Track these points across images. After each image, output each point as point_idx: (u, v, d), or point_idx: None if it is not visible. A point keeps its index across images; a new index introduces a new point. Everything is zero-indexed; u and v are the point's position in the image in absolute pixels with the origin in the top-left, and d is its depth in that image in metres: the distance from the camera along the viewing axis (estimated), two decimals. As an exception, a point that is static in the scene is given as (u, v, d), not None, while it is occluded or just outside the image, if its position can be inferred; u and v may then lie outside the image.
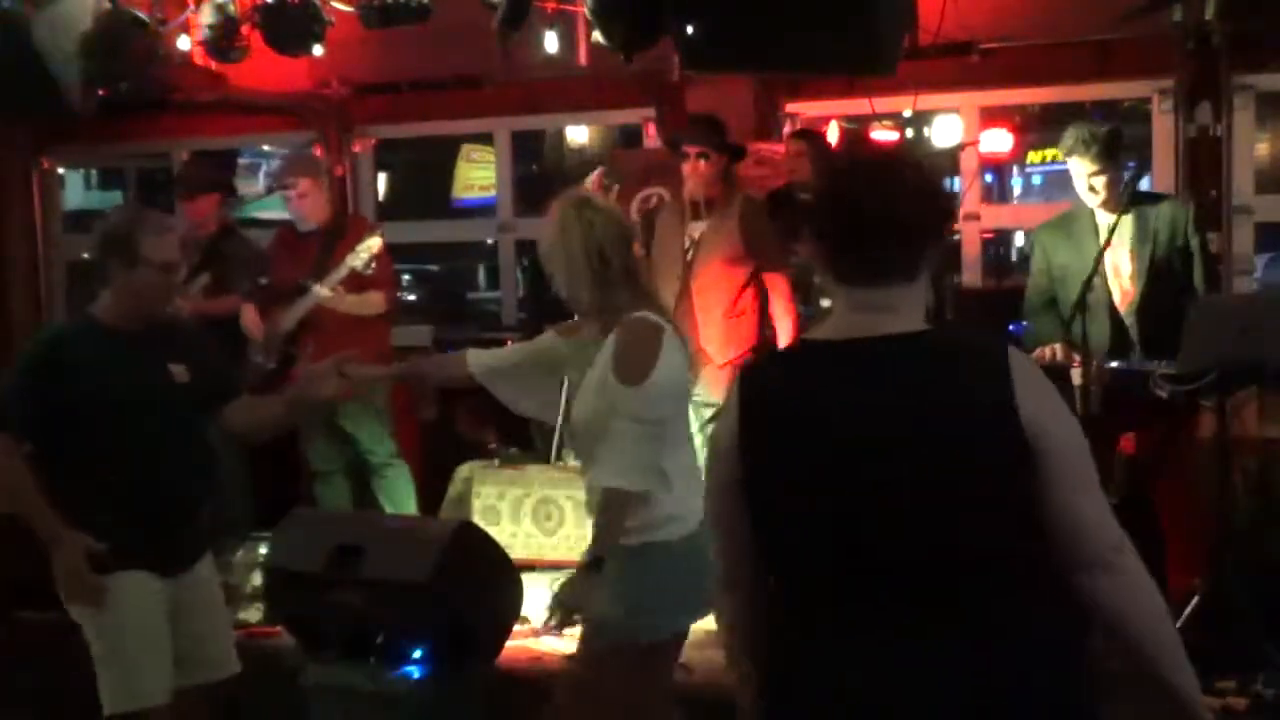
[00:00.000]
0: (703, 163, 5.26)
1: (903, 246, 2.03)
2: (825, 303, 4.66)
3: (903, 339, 2.01)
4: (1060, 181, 11.31)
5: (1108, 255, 4.61)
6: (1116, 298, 4.64)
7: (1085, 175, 4.61)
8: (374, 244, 5.31)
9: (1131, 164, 4.73)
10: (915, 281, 2.06)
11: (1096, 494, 2.02)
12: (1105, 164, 4.57)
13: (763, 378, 2.13)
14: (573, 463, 6.16)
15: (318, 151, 7.38)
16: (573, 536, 5.93)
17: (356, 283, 5.49)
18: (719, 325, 5.28)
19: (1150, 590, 2.04)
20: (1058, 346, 4.50)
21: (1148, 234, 4.61)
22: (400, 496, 5.86)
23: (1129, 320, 4.61)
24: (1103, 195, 4.61)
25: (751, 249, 5.26)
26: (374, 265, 5.35)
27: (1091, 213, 4.65)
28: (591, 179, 5.40)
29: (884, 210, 2.01)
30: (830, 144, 6.56)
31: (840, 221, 2.05)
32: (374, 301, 5.58)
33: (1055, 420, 1.98)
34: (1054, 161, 11.40)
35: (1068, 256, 4.58)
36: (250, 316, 5.71)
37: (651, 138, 7.07)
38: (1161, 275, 4.57)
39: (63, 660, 4.73)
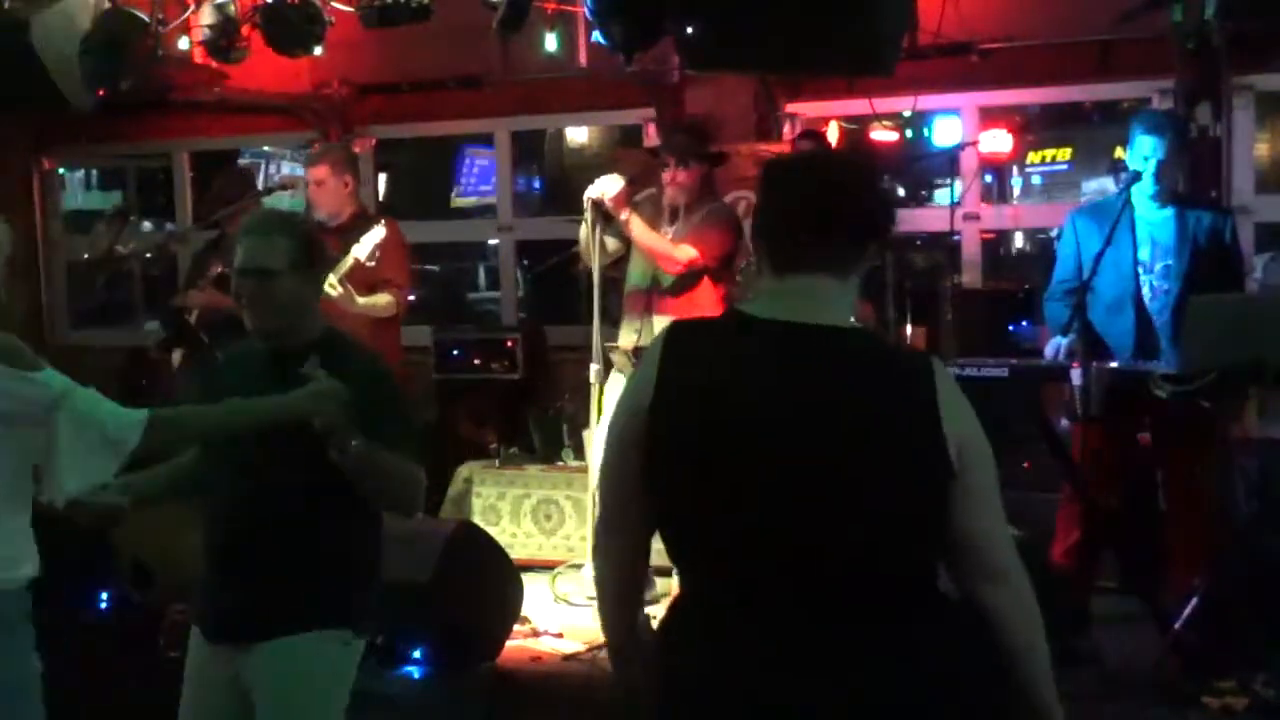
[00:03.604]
0: (682, 171, 5.20)
1: (831, 240, 2.05)
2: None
3: (834, 331, 2.03)
4: (1060, 182, 11.35)
5: (1140, 251, 4.60)
6: (1146, 294, 4.62)
7: (1146, 155, 4.55)
8: (378, 234, 5.22)
9: (1127, 168, 4.69)
10: (845, 280, 2.06)
11: (999, 509, 2.06)
12: (1168, 144, 4.52)
13: (688, 338, 2.10)
14: (573, 462, 6.18)
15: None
16: (573, 536, 5.94)
17: (369, 280, 5.39)
18: None
19: (1034, 602, 2.08)
20: (1064, 345, 4.47)
21: (1186, 236, 4.58)
22: None
23: (1159, 319, 4.59)
24: (1155, 183, 4.56)
25: (689, 237, 5.17)
26: (379, 256, 5.22)
27: (1127, 205, 4.61)
28: (615, 190, 5.18)
29: (815, 201, 2.05)
30: (832, 145, 6.57)
31: (773, 208, 2.09)
32: (384, 302, 5.49)
33: (973, 438, 2.01)
34: (1054, 161, 11.41)
35: (1100, 244, 4.55)
36: None
37: (651, 138, 7.07)
38: (1196, 279, 4.53)
39: (61, 660, 4.73)
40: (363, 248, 5.18)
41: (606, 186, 5.11)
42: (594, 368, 5.26)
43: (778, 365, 2.00)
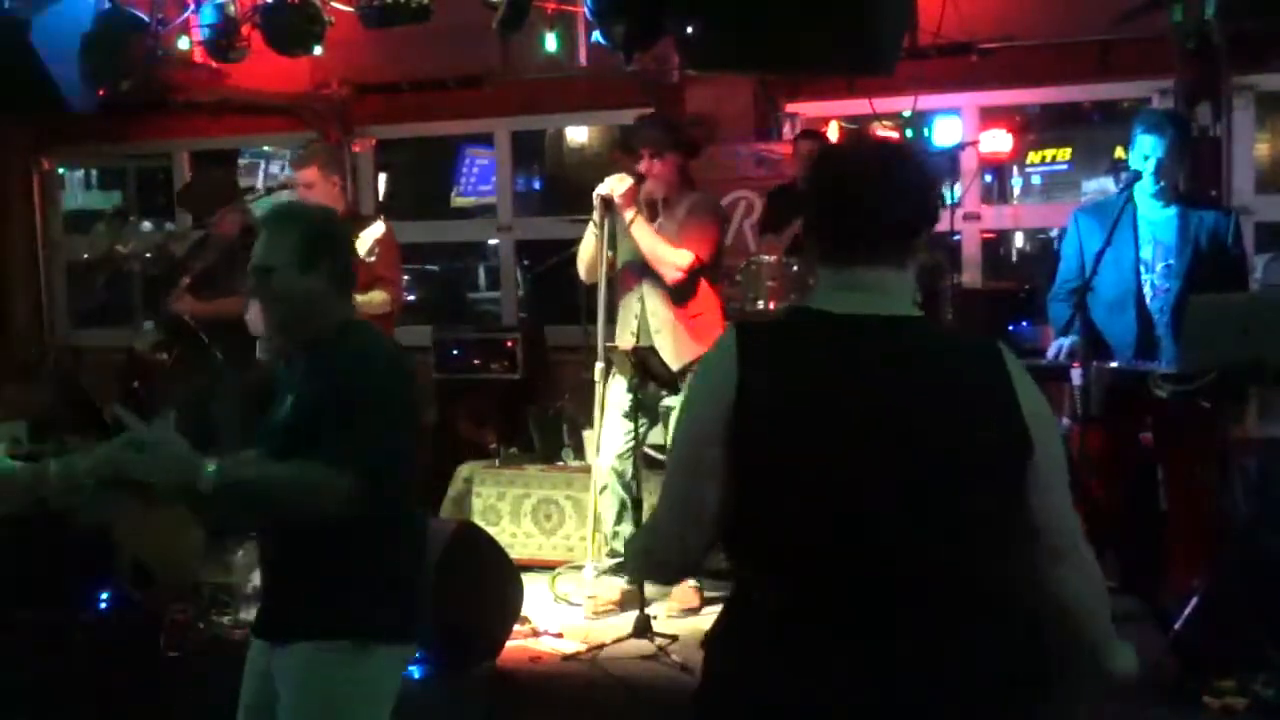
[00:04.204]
0: (657, 163, 5.17)
1: (894, 232, 2.04)
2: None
3: (905, 321, 2.03)
4: (1060, 182, 11.35)
5: (1142, 249, 4.60)
6: (1147, 294, 4.62)
7: (1146, 154, 4.54)
8: (377, 230, 5.23)
9: (1128, 168, 4.68)
10: (904, 269, 2.06)
11: (1067, 487, 2.08)
12: (1169, 144, 4.51)
13: (763, 343, 2.05)
14: (573, 462, 6.18)
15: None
16: (573, 536, 5.93)
17: (364, 279, 5.39)
18: (671, 327, 5.19)
19: (1099, 576, 2.14)
20: (1066, 345, 4.46)
21: (1189, 236, 4.57)
22: None
23: (1160, 319, 4.59)
24: (1155, 182, 4.54)
25: (680, 236, 5.16)
26: (378, 252, 5.23)
27: (1129, 204, 4.61)
28: (624, 188, 5.14)
29: (881, 193, 2.03)
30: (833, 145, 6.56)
31: (837, 200, 2.07)
32: (379, 301, 5.50)
33: (1045, 417, 2.04)
34: (1054, 161, 11.40)
35: (1102, 243, 4.55)
36: (255, 313, 5.68)
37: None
38: (1197, 280, 4.52)
39: (61, 660, 4.74)
40: (362, 244, 5.20)
41: (616, 185, 5.10)
42: (599, 366, 5.26)
43: (867, 361, 1.99)
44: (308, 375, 2.84)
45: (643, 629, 4.80)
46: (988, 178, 8.73)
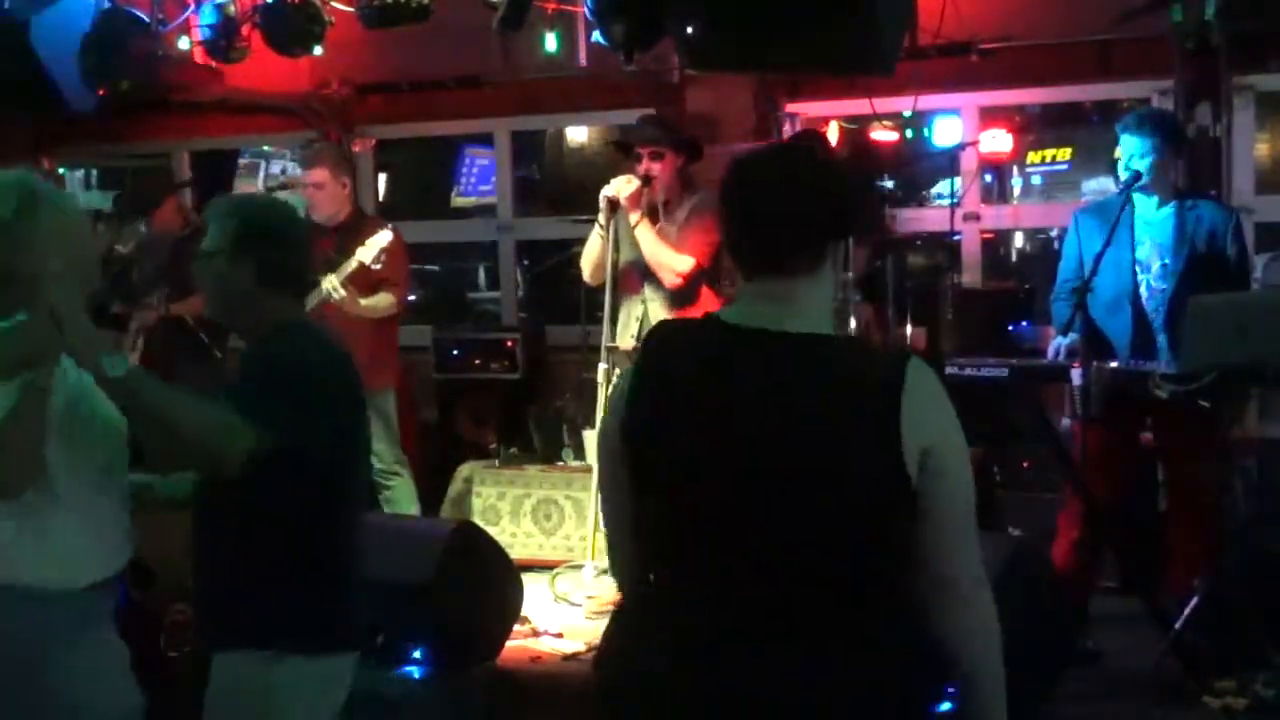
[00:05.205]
0: (657, 164, 5.13)
1: (793, 240, 2.04)
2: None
3: (804, 340, 2.01)
4: (1060, 182, 11.34)
5: (1139, 249, 4.60)
6: (1143, 294, 4.62)
7: (1125, 154, 4.54)
8: (384, 239, 5.25)
9: (1130, 168, 4.67)
10: (815, 275, 2.05)
11: (970, 523, 2.02)
12: (1154, 143, 4.52)
13: (662, 346, 2.15)
14: (573, 462, 6.18)
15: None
16: (573, 536, 5.93)
17: (369, 281, 5.42)
18: None
19: (994, 629, 2.05)
20: (1065, 345, 4.46)
21: (1185, 236, 4.57)
22: (403, 506, 5.81)
23: (1155, 319, 4.58)
24: (1146, 177, 4.54)
25: (681, 239, 5.13)
26: (384, 260, 5.26)
27: (1128, 203, 4.60)
28: (630, 190, 5.11)
29: (772, 203, 2.04)
30: (831, 145, 6.57)
31: (734, 212, 2.09)
32: (386, 303, 5.54)
33: (942, 446, 1.97)
34: (1054, 161, 11.40)
35: (1101, 243, 4.54)
36: None
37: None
38: (1194, 280, 4.50)
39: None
40: (368, 251, 5.23)
41: (622, 186, 5.09)
42: (601, 367, 5.25)
43: (743, 376, 2.00)
44: (240, 370, 2.79)
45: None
46: (988, 178, 8.73)
